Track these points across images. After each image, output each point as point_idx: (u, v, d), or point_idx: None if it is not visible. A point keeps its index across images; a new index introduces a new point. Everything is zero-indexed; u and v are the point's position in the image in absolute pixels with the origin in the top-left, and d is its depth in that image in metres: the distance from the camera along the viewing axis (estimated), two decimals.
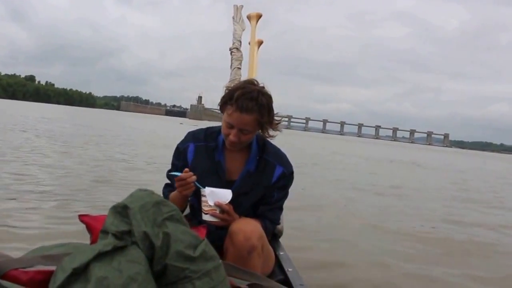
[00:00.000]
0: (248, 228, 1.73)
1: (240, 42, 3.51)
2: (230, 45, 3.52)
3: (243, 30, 3.56)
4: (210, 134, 2.00)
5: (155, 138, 19.99)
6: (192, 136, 2.01)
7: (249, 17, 3.54)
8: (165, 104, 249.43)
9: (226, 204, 1.77)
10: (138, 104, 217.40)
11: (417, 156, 34.06)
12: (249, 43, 3.44)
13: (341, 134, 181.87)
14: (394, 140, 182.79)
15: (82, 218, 1.49)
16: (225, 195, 1.78)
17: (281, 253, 2.19)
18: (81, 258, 1.13)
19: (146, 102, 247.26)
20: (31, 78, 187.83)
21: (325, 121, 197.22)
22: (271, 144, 2.03)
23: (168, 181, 2.03)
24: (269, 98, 1.85)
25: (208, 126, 2.08)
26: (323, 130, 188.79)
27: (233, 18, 3.61)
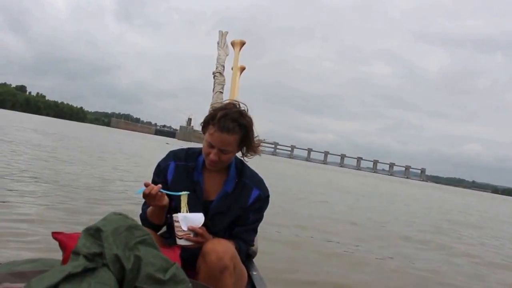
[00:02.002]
0: (220, 248, 1.75)
1: (223, 67, 3.56)
2: (214, 69, 3.59)
3: (227, 55, 3.61)
4: (191, 154, 2.04)
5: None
6: (173, 155, 2.04)
7: (233, 44, 3.61)
8: (156, 124, 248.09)
9: (199, 228, 1.79)
10: (128, 122, 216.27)
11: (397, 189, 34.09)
12: (232, 68, 3.50)
13: (324, 163, 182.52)
14: (374, 172, 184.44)
15: (56, 235, 1.48)
16: (198, 219, 1.80)
17: (254, 273, 2.21)
18: (50, 279, 1.13)
19: (137, 120, 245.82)
20: (21, 88, 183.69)
21: (309, 150, 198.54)
22: (249, 168, 2.07)
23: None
24: (249, 120, 1.89)
25: (190, 147, 2.12)
26: (307, 159, 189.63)
27: (218, 43, 3.68)
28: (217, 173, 1.98)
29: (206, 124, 1.88)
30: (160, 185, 1.79)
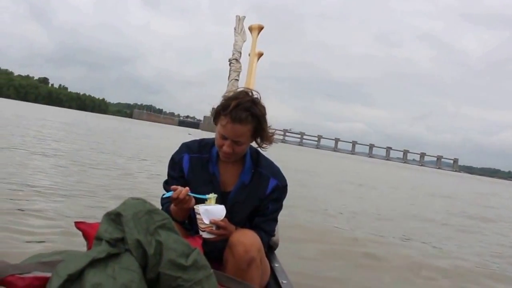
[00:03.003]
0: (247, 241, 1.74)
1: (240, 53, 3.50)
2: (230, 56, 3.49)
3: (244, 41, 3.55)
4: (204, 145, 2.00)
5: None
6: (186, 147, 2.00)
7: (250, 29, 3.54)
8: (179, 115, 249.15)
9: (221, 220, 1.76)
10: (151, 113, 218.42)
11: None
12: (249, 55, 3.41)
13: (352, 154, 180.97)
14: (405, 162, 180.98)
15: (78, 225, 1.51)
16: (219, 211, 1.76)
17: (276, 265, 2.21)
18: (75, 265, 1.16)
19: (160, 111, 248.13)
20: (44, 81, 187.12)
21: (337, 140, 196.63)
22: (265, 157, 2.03)
23: (164, 193, 2.00)
24: (262, 108, 1.82)
25: (203, 138, 2.07)
26: (335, 149, 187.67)
27: (235, 29, 3.60)
28: (233, 164, 1.95)
29: (217, 114, 1.83)
30: (187, 188, 1.74)
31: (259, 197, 1.95)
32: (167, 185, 1.98)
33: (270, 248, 2.35)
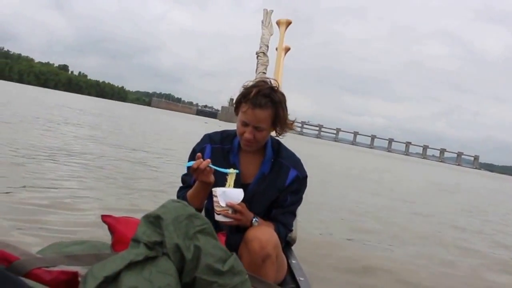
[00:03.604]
0: (263, 237, 1.72)
1: (267, 47, 3.49)
2: (257, 49, 3.50)
3: (271, 35, 3.54)
4: (226, 136, 2.01)
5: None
6: (208, 138, 2.02)
7: (278, 23, 3.52)
8: (197, 104, 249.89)
9: (238, 204, 1.76)
10: (169, 102, 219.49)
11: None
12: (276, 49, 3.41)
13: (370, 148, 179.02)
14: (424, 158, 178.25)
15: (105, 218, 1.51)
16: (237, 195, 1.76)
17: (293, 261, 2.18)
18: (112, 266, 1.14)
19: (178, 100, 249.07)
20: (64, 68, 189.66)
21: (355, 133, 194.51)
22: (286, 148, 2.04)
23: (182, 185, 2.03)
24: (282, 95, 1.86)
25: (225, 129, 2.09)
26: (353, 142, 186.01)
27: (262, 22, 3.59)
28: (253, 154, 1.96)
29: (238, 103, 1.86)
30: (209, 160, 1.75)
31: (278, 188, 1.94)
32: (186, 177, 2.00)
33: (287, 244, 2.32)
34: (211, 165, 1.75)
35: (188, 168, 1.84)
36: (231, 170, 1.81)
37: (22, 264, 1.14)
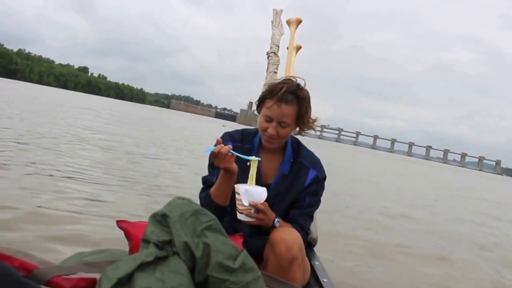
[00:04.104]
0: (289, 238, 1.70)
1: (278, 46, 3.49)
2: (268, 49, 3.50)
3: (282, 34, 3.53)
4: (246, 135, 2.01)
5: None
6: (229, 136, 2.01)
7: (288, 22, 3.51)
8: (216, 107, 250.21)
9: (261, 203, 1.74)
10: (188, 104, 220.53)
11: None
12: (287, 48, 3.41)
13: (390, 152, 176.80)
14: (444, 162, 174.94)
15: (120, 224, 1.51)
16: (260, 194, 1.73)
17: (316, 263, 2.17)
18: (125, 268, 1.15)
19: (197, 102, 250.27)
20: (84, 70, 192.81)
21: (375, 137, 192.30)
22: (306, 148, 2.02)
23: (203, 186, 2.01)
24: (307, 93, 1.86)
25: (245, 128, 2.09)
26: (373, 146, 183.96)
27: (272, 22, 3.59)
28: (273, 154, 1.95)
29: (262, 100, 1.87)
30: (230, 146, 1.74)
31: (298, 188, 1.93)
32: (208, 176, 1.99)
33: (309, 245, 2.31)
34: (232, 151, 1.73)
35: (208, 176, 1.85)
36: (254, 158, 1.79)
37: (42, 272, 1.15)
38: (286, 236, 1.70)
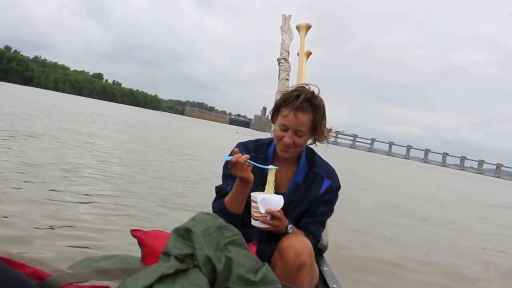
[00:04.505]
0: (298, 245, 1.70)
1: (288, 52, 3.48)
2: (278, 56, 3.48)
3: (291, 40, 3.52)
4: (260, 145, 2.01)
5: None
6: (243, 146, 2.00)
7: (298, 28, 3.49)
8: (230, 113, 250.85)
9: (277, 211, 1.75)
10: (202, 111, 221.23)
11: None
12: (298, 54, 3.39)
13: (406, 158, 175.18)
14: (461, 169, 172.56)
15: (134, 233, 1.51)
16: (276, 202, 1.75)
17: (325, 268, 2.17)
18: (144, 280, 1.15)
19: (211, 109, 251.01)
20: (98, 76, 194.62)
21: (391, 144, 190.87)
22: (320, 157, 2.02)
23: (217, 195, 2.01)
24: (322, 101, 1.85)
25: (259, 138, 2.08)
26: (388, 153, 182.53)
27: (281, 28, 3.58)
28: (288, 164, 1.94)
29: (277, 108, 1.86)
30: (247, 155, 1.74)
31: (311, 197, 1.92)
32: (222, 185, 1.99)
33: (319, 251, 2.31)
34: (249, 161, 1.74)
35: (226, 167, 1.86)
36: (271, 167, 1.81)
37: (54, 280, 1.14)
38: (296, 243, 1.71)
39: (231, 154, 1.94)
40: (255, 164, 1.76)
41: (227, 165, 1.95)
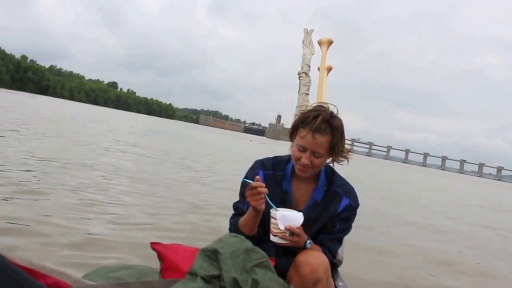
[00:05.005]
0: (315, 260, 1.70)
1: (309, 67, 3.46)
2: (299, 70, 3.45)
3: (313, 54, 3.52)
4: (278, 163, 2.00)
5: None
6: (260, 164, 2.01)
7: (320, 42, 3.50)
8: (244, 121, 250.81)
9: (296, 228, 1.75)
10: (217, 119, 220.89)
11: None
12: (319, 69, 3.36)
13: (423, 166, 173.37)
14: (480, 176, 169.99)
15: (154, 246, 1.53)
16: (296, 218, 1.75)
17: (340, 283, 2.15)
18: None
19: (226, 117, 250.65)
20: (113, 85, 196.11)
21: (407, 151, 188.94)
22: (340, 176, 2.01)
23: (234, 212, 2.02)
24: (340, 122, 1.85)
25: (276, 155, 2.08)
26: (405, 160, 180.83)
27: (303, 41, 3.55)
28: (306, 182, 1.94)
29: (295, 128, 1.86)
30: (266, 190, 1.74)
31: (329, 215, 1.92)
32: (238, 204, 2.00)
33: (333, 265, 2.29)
34: (266, 196, 1.74)
35: (244, 187, 1.85)
36: (275, 209, 1.77)
37: None
38: (312, 258, 1.71)
39: (249, 172, 1.98)
40: (268, 200, 1.75)
41: (245, 185, 1.94)
